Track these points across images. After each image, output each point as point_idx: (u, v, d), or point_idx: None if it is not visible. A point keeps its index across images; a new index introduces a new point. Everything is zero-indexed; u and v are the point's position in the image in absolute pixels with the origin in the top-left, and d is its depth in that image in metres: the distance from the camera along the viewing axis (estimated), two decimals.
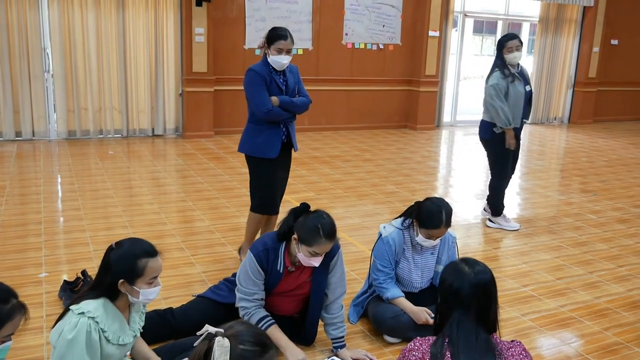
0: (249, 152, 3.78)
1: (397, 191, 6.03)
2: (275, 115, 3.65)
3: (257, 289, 2.69)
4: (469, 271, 1.90)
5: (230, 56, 8.65)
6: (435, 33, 9.72)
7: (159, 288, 2.23)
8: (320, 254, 2.61)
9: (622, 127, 11.33)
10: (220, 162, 7.04)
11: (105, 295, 2.17)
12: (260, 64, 3.67)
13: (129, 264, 2.14)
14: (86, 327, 2.07)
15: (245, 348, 1.68)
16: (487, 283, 1.90)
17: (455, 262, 1.97)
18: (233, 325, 1.75)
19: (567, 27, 11.25)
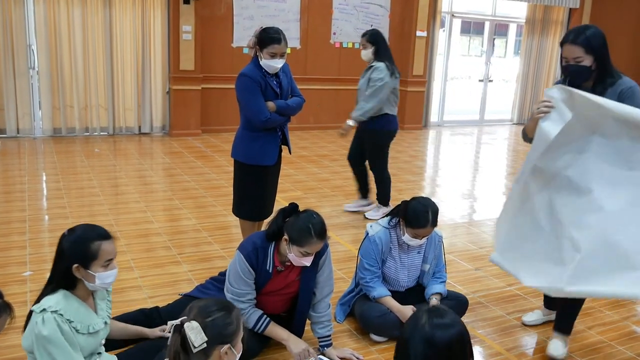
0: (245, 160, 3.62)
1: None
2: (273, 122, 3.54)
3: (249, 289, 2.69)
4: (424, 322, 1.52)
5: (218, 54, 8.62)
6: (422, 33, 9.76)
7: (115, 271, 2.22)
8: (312, 254, 2.62)
9: None
10: (208, 160, 7.01)
11: (62, 287, 2.16)
12: (252, 67, 3.48)
13: (82, 247, 2.13)
14: (53, 321, 2.06)
15: (214, 317, 1.78)
16: (448, 342, 1.50)
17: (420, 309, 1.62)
18: (191, 307, 1.86)
19: (553, 29, 11.35)
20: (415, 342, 1.49)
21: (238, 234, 4.53)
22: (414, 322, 1.54)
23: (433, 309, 1.61)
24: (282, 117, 3.60)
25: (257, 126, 3.53)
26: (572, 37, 2.62)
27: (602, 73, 2.65)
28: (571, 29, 2.67)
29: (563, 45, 2.66)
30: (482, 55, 13.08)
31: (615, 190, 2.45)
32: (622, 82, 2.65)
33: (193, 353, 1.73)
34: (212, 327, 1.76)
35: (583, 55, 2.60)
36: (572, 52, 2.61)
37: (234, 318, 1.83)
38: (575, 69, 2.63)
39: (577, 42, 2.60)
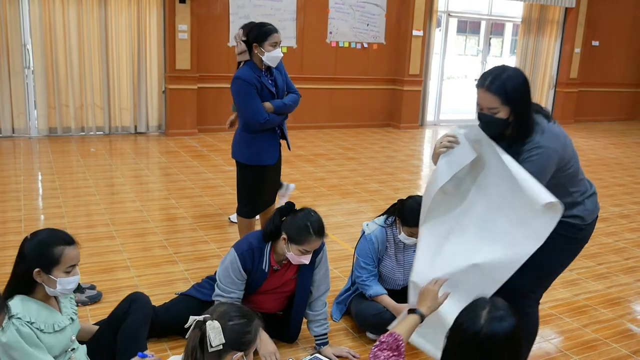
0: (245, 161, 3.62)
1: (381, 189, 6.05)
2: (271, 123, 3.54)
3: (235, 289, 2.68)
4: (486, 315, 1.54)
5: (214, 54, 8.60)
6: (419, 32, 9.77)
7: (77, 277, 2.18)
8: (310, 251, 2.63)
9: (603, 128, 11.49)
10: (204, 160, 7.01)
11: (18, 292, 2.10)
12: (246, 69, 3.48)
13: (45, 252, 2.09)
14: (12, 326, 2.01)
15: (235, 323, 1.82)
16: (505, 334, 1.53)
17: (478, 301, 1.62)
18: (215, 308, 1.90)
19: (549, 28, 11.37)
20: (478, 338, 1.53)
21: (234, 232, 4.53)
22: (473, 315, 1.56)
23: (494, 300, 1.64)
24: (279, 116, 3.60)
25: (255, 128, 3.52)
26: (488, 82, 2.20)
27: (521, 128, 2.24)
28: (487, 71, 2.25)
29: (477, 89, 2.25)
30: (478, 54, 13.11)
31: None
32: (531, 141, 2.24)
33: (208, 352, 1.78)
34: (231, 331, 1.80)
35: (499, 106, 2.19)
36: (486, 101, 2.21)
37: (253, 328, 1.86)
38: (488, 120, 2.24)
39: (492, 89, 2.19)
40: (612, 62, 12.15)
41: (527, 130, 2.24)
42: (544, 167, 2.22)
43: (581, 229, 2.42)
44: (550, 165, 2.24)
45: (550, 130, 2.27)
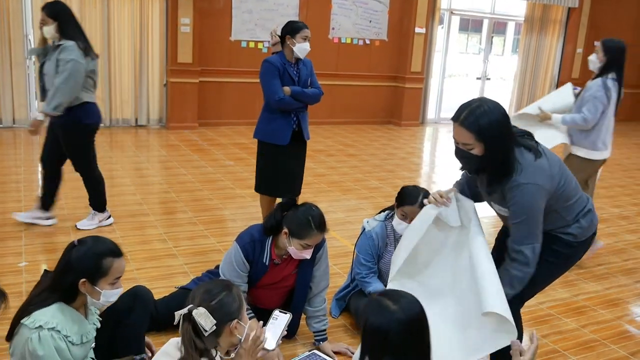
0: (262, 138, 4.04)
1: (381, 186, 6.05)
2: (286, 103, 3.89)
3: (240, 281, 2.69)
4: (396, 308, 1.60)
5: (216, 48, 8.59)
6: (421, 30, 9.75)
7: (120, 290, 2.13)
8: (312, 246, 2.63)
9: None
10: (204, 154, 7.00)
11: (60, 299, 2.03)
12: (276, 57, 3.92)
13: (94, 263, 2.02)
14: (50, 340, 1.95)
15: (218, 299, 1.91)
16: (417, 314, 1.63)
17: (376, 298, 1.68)
18: (193, 295, 1.95)
19: (552, 28, 11.35)
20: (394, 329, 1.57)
21: (234, 227, 4.54)
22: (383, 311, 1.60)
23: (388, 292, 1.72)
24: (296, 102, 3.94)
25: (272, 106, 3.91)
26: (462, 117, 2.10)
27: (498, 166, 2.13)
28: (464, 104, 2.15)
29: (453, 122, 2.16)
30: (480, 53, 13.09)
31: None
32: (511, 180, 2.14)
33: (205, 336, 1.86)
34: (218, 308, 1.89)
35: (473, 142, 2.09)
36: (461, 136, 2.12)
37: (235, 295, 1.96)
38: (463, 155, 2.17)
39: (465, 124, 2.08)
40: None
41: (505, 169, 2.12)
42: (529, 206, 2.13)
43: (572, 245, 2.32)
44: (536, 202, 2.14)
45: (532, 165, 2.14)
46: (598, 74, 4.03)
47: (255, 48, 8.85)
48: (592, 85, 3.99)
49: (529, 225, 2.16)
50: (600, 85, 3.94)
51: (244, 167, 6.46)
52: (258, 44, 8.87)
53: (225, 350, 2.00)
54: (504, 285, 2.17)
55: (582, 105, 3.98)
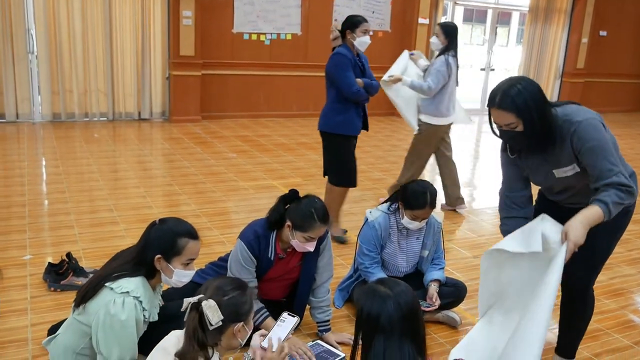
0: (332, 130, 4.08)
1: (384, 178, 6.04)
2: (361, 95, 4.00)
3: (250, 277, 2.68)
4: (390, 293, 1.69)
5: (219, 40, 8.57)
6: (424, 20, 9.70)
7: (193, 272, 2.24)
8: (315, 238, 2.62)
9: (608, 119, 11.29)
10: (207, 146, 7.00)
11: (143, 274, 2.17)
12: (344, 48, 3.98)
13: (170, 240, 2.15)
14: (133, 308, 2.07)
15: (230, 296, 1.88)
16: (411, 303, 1.71)
17: (370, 285, 1.77)
18: (207, 285, 1.93)
19: (557, 18, 11.27)
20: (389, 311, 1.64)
21: (237, 219, 4.54)
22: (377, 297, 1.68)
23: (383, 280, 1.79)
24: (366, 93, 4.04)
25: (348, 97, 3.98)
26: (498, 100, 2.16)
27: (544, 132, 2.20)
28: (497, 87, 2.22)
29: (489, 109, 2.24)
30: (484, 43, 13.02)
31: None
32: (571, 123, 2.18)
33: (209, 330, 1.83)
34: (228, 305, 1.86)
35: (515, 120, 2.16)
36: (502, 118, 2.18)
37: (248, 297, 1.93)
38: (510, 136, 2.24)
39: (503, 106, 2.15)
40: (620, 52, 12.05)
41: (551, 133, 2.19)
42: (597, 136, 2.12)
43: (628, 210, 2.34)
44: (600, 131, 2.15)
45: (576, 108, 2.22)
46: (440, 53, 4.75)
47: (257, 40, 8.83)
48: (436, 61, 4.72)
49: (606, 155, 2.12)
50: (444, 62, 4.66)
51: (247, 159, 6.46)
52: (260, 36, 8.84)
53: (225, 351, 1.95)
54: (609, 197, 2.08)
55: (428, 77, 4.70)
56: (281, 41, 8.99)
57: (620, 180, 2.10)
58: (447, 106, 4.80)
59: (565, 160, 2.26)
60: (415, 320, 1.70)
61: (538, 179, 2.43)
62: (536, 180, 2.45)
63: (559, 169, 2.30)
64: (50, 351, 2.32)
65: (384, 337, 1.62)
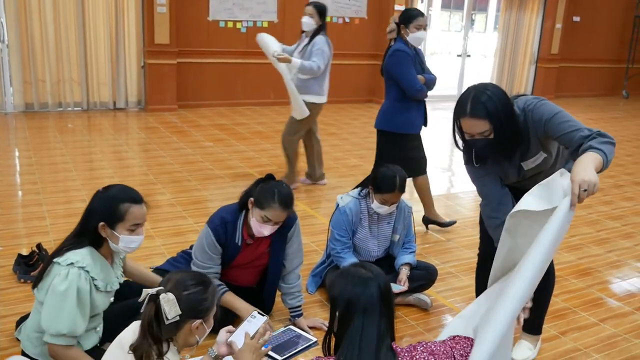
0: (394, 129, 3.99)
1: (360, 164, 6.07)
2: (424, 93, 3.96)
3: (212, 264, 2.69)
4: (371, 275, 1.73)
5: (194, 28, 8.49)
6: (401, 7, 9.69)
7: (141, 238, 2.24)
8: (273, 222, 2.60)
9: (583, 103, 11.57)
10: (184, 135, 6.96)
11: (89, 243, 2.17)
12: (402, 44, 3.88)
13: (111, 207, 2.15)
14: (77, 277, 2.08)
15: (190, 292, 1.83)
16: (388, 285, 1.76)
17: (349, 268, 1.80)
18: (169, 278, 1.87)
19: (531, 4, 11.35)
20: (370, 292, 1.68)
21: (213, 208, 4.48)
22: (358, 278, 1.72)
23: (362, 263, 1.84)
24: (428, 89, 4.01)
25: (411, 96, 3.90)
26: (469, 109, 2.13)
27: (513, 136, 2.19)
28: (462, 97, 2.18)
29: (460, 118, 2.18)
30: (461, 30, 13.07)
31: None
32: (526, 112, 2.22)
33: (165, 324, 1.77)
34: (187, 301, 1.81)
35: (488, 128, 2.13)
36: (475, 127, 2.14)
37: (209, 294, 1.88)
38: (484, 144, 2.19)
39: (477, 114, 2.11)
40: (593, 38, 12.18)
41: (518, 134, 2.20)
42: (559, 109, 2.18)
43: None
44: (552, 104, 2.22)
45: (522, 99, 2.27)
46: (315, 33, 4.79)
47: (233, 28, 8.77)
48: (317, 41, 4.75)
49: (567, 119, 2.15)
50: (325, 41, 4.76)
51: (223, 148, 6.44)
52: (237, 23, 8.78)
53: (181, 348, 1.91)
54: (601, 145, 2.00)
55: (311, 57, 4.72)
56: (258, 29, 8.93)
57: (589, 132, 2.08)
58: (327, 85, 5.02)
59: (532, 151, 2.30)
60: (390, 302, 1.76)
61: (509, 179, 2.45)
62: (507, 181, 2.46)
63: (527, 161, 2.34)
64: (22, 339, 2.32)
65: (363, 317, 1.67)
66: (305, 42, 4.91)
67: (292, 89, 4.86)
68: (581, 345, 2.89)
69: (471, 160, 2.37)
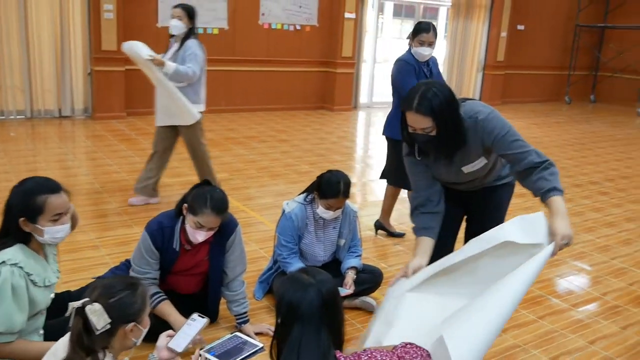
0: (394, 136, 3.99)
1: (311, 171, 6.10)
2: None
3: (149, 269, 2.66)
4: (312, 281, 1.71)
5: (143, 34, 8.33)
6: (351, 15, 9.82)
7: (66, 227, 2.18)
8: (206, 228, 2.58)
9: (528, 108, 11.96)
10: (132, 143, 6.84)
11: (18, 241, 2.12)
12: (407, 54, 3.98)
13: (28, 200, 2.09)
14: (10, 275, 2.02)
15: (118, 298, 1.78)
16: (332, 292, 1.74)
17: (294, 273, 1.81)
18: (94, 287, 1.82)
19: (478, 12, 11.67)
20: (310, 298, 1.65)
21: None
22: (299, 284, 1.70)
23: (306, 269, 1.80)
24: None
25: None
26: (416, 103, 2.19)
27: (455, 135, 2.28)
28: (411, 92, 2.25)
29: (406, 111, 2.25)
30: None
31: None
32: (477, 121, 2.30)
33: (96, 335, 1.73)
34: (116, 307, 1.77)
35: (431, 125, 2.21)
36: (419, 122, 2.22)
37: (139, 296, 1.84)
38: (423, 140, 2.28)
39: (421, 110, 2.19)
40: (537, 45, 12.63)
41: (461, 136, 2.28)
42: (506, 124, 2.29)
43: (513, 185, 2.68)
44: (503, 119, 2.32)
45: (475, 103, 2.37)
46: (185, 36, 4.46)
47: None
48: (190, 45, 4.42)
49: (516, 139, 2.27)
50: (197, 45, 4.46)
51: (173, 155, 6.34)
52: None
53: (119, 352, 1.87)
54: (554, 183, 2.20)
55: (185, 62, 4.39)
56: (208, 35, 8.88)
57: (539, 160, 2.24)
58: (204, 92, 4.66)
59: (473, 156, 2.38)
60: (335, 309, 1.73)
61: (447, 178, 2.54)
62: (445, 179, 2.55)
63: (467, 165, 2.43)
64: None
65: (302, 325, 1.65)
66: (175, 47, 4.53)
67: (176, 93, 4.45)
68: (520, 341, 2.99)
69: (412, 152, 2.45)
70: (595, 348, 2.97)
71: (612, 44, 13.15)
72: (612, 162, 7.46)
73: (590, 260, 4.16)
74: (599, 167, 7.09)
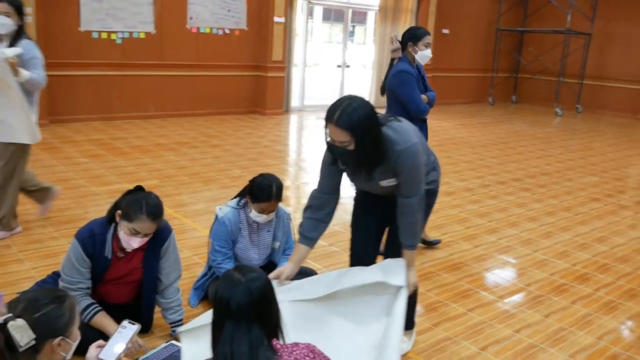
0: None
1: (243, 175, 6.07)
2: (427, 112, 4.03)
3: (81, 278, 2.58)
4: (241, 279, 1.72)
5: (64, 39, 8.06)
6: (280, 19, 9.85)
7: None
8: (142, 234, 2.54)
9: (454, 110, 12.39)
10: (56, 152, 6.58)
11: None
12: (407, 64, 3.92)
13: None
14: None
15: (43, 312, 1.70)
16: (263, 289, 1.74)
17: (227, 271, 1.79)
18: (18, 301, 1.74)
19: (404, 17, 11.99)
20: (238, 296, 1.67)
21: None
22: (230, 282, 1.71)
23: (240, 267, 1.80)
24: (430, 107, 4.07)
25: (416, 116, 3.90)
26: (336, 117, 2.24)
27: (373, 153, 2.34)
28: (334, 105, 2.29)
29: (326, 123, 2.30)
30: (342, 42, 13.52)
31: None
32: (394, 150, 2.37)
33: (20, 352, 1.64)
34: (42, 322, 1.69)
35: (349, 139, 2.25)
36: (338, 135, 2.26)
37: (66, 309, 1.77)
38: (341, 153, 2.33)
39: (340, 124, 2.23)
40: (461, 49, 13.12)
41: (379, 155, 2.35)
42: (416, 165, 2.42)
43: (435, 192, 2.82)
44: (420, 159, 2.44)
45: (400, 129, 2.41)
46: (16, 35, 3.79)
47: (108, 39, 8.44)
48: (28, 47, 3.78)
49: (416, 182, 2.46)
50: (35, 46, 3.86)
51: (99, 163, 6.16)
52: (111, 34, 8.46)
53: None
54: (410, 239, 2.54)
55: (28, 67, 3.75)
56: (134, 40, 8.67)
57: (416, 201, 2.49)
58: (37, 100, 4.07)
59: (389, 175, 2.48)
60: (267, 305, 1.74)
61: (366, 188, 2.66)
62: (364, 189, 2.70)
63: (385, 180, 2.52)
64: None
65: (233, 322, 1.67)
66: (4, 47, 3.77)
67: (24, 106, 3.80)
68: (452, 334, 3.10)
69: (330, 159, 2.53)
70: (520, 336, 3.13)
71: (532, 47, 13.85)
72: (533, 159, 7.85)
73: (514, 253, 4.36)
74: (521, 165, 7.44)
